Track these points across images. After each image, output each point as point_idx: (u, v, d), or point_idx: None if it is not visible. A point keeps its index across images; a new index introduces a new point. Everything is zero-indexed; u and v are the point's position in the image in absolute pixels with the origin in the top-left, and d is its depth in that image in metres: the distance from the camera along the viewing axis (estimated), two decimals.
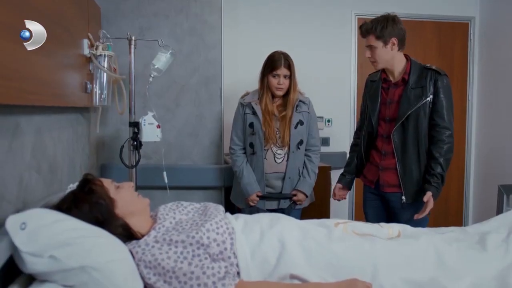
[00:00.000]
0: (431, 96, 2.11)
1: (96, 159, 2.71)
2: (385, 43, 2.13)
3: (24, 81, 1.31)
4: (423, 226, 1.84)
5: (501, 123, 3.58)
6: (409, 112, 2.13)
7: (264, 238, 1.39)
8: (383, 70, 2.28)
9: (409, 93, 2.15)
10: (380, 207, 2.33)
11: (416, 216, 2.07)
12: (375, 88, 2.31)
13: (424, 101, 2.11)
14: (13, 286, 1.08)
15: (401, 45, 2.17)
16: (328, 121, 3.81)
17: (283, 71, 2.36)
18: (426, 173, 2.14)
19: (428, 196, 2.06)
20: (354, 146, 2.49)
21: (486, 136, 3.80)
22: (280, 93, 2.40)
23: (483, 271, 1.43)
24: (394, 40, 2.13)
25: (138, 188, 2.41)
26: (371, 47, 2.16)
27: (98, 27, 2.44)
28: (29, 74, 1.35)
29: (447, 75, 2.16)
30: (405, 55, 2.23)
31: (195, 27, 2.85)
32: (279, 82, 2.36)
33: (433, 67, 2.16)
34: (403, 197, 2.15)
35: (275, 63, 2.36)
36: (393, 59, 2.18)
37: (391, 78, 2.24)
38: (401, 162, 2.17)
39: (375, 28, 2.12)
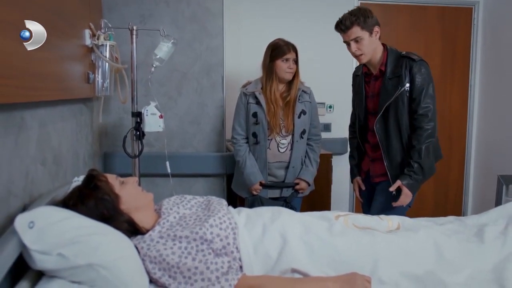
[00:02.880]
0: (407, 85, 2.08)
1: (99, 148, 2.73)
2: (371, 32, 2.11)
3: (27, 79, 1.32)
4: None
5: (504, 110, 3.57)
6: (387, 104, 2.12)
7: (266, 232, 1.42)
8: (364, 64, 2.26)
9: (386, 84, 2.14)
10: (370, 197, 2.35)
11: (393, 204, 2.10)
12: (358, 83, 2.33)
13: (401, 91, 2.09)
14: (23, 281, 1.12)
15: (380, 34, 2.17)
16: (330, 107, 3.80)
17: (292, 55, 2.40)
18: None
19: (395, 186, 2.09)
20: (351, 139, 2.50)
21: (488, 124, 3.79)
22: (290, 77, 2.43)
23: (481, 264, 1.46)
24: (377, 28, 2.13)
25: (141, 176, 2.44)
26: (356, 40, 2.12)
27: (100, 16, 2.43)
28: (32, 70, 1.35)
29: (424, 60, 2.11)
30: (383, 44, 2.22)
31: (196, 15, 2.83)
32: (289, 66, 2.40)
33: (409, 54, 2.13)
34: (391, 189, 2.13)
35: (283, 47, 2.40)
36: (376, 49, 2.16)
37: (372, 71, 2.24)
38: (386, 153, 2.18)
39: (359, 19, 2.09)
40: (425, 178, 2.13)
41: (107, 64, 2.23)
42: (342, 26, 2.13)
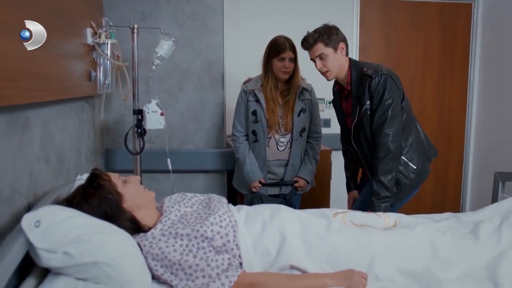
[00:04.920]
0: (367, 102, 2.06)
1: (101, 144, 2.76)
2: (335, 49, 2.11)
3: (29, 80, 1.33)
4: None
5: (503, 107, 3.59)
6: (354, 123, 2.13)
7: (266, 230, 1.46)
8: (336, 81, 2.25)
9: (353, 104, 2.14)
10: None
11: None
12: (335, 100, 2.34)
13: (363, 110, 2.08)
14: (30, 278, 1.15)
15: (347, 51, 2.16)
16: (330, 102, 3.82)
17: (288, 54, 2.36)
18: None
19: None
20: (344, 151, 2.48)
21: (487, 121, 3.80)
22: (286, 76, 2.41)
23: (475, 260, 1.49)
24: (342, 44, 2.12)
25: (142, 172, 2.47)
26: (321, 57, 2.11)
27: (100, 14, 2.44)
28: (34, 71, 1.37)
29: (381, 74, 2.04)
30: (350, 60, 2.19)
31: (196, 12, 2.84)
32: (285, 65, 2.37)
33: (367, 72, 2.07)
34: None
35: (280, 46, 2.37)
36: (343, 66, 2.15)
37: (345, 88, 2.22)
38: (367, 167, 2.19)
39: (322, 36, 2.09)
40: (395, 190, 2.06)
41: (108, 62, 2.26)
42: (306, 43, 2.14)
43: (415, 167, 2.12)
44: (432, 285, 1.34)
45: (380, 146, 2.02)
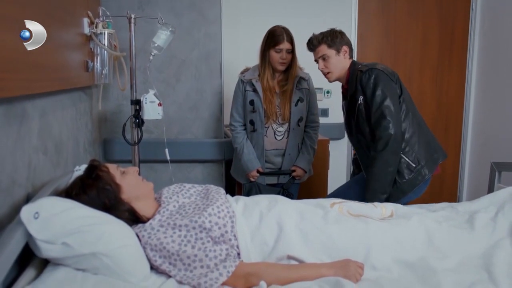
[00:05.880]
0: (361, 97, 2.06)
1: (99, 135, 2.76)
2: (338, 51, 2.14)
3: (26, 71, 1.33)
4: None
5: (500, 97, 3.59)
6: (351, 121, 2.15)
7: (263, 220, 1.47)
8: (342, 85, 2.26)
9: (349, 103, 2.16)
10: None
11: None
12: (343, 104, 2.30)
13: (357, 106, 2.07)
14: (29, 268, 1.17)
15: (351, 54, 2.19)
16: (327, 92, 3.82)
17: (285, 45, 2.36)
18: None
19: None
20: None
21: (485, 111, 3.80)
22: (283, 68, 2.41)
23: (471, 250, 1.51)
24: (345, 47, 2.15)
25: (140, 162, 2.48)
26: (323, 58, 2.15)
27: (97, 4, 2.42)
28: (31, 63, 1.37)
29: (373, 68, 2.04)
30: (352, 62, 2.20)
31: (194, 1, 2.82)
32: (282, 57, 2.36)
33: (360, 67, 2.08)
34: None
35: (278, 37, 2.36)
36: (345, 68, 2.17)
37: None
38: (364, 169, 2.19)
39: (326, 38, 2.13)
40: (387, 185, 2.01)
41: (105, 52, 2.25)
42: (311, 45, 2.19)
43: (414, 165, 2.06)
44: (428, 274, 1.36)
45: (378, 140, 2.00)
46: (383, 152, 1.97)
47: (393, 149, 1.98)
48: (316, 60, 2.21)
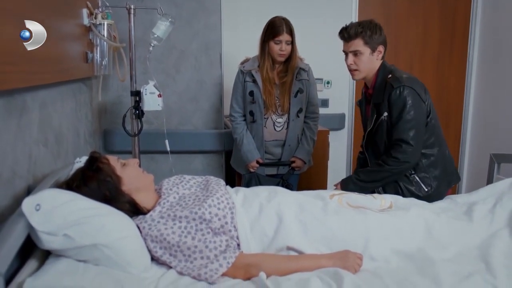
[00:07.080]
0: (385, 113, 1.93)
1: (99, 126, 2.77)
2: (373, 50, 1.96)
3: (26, 63, 1.33)
4: None
5: (501, 88, 3.57)
6: (369, 130, 2.03)
7: (263, 212, 1.48)
8: (365, 84, 2.11)
9: (371, 110, 2.02)
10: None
11: None
12: (361, 102, 2.21)
13: (380, 120, 1.96)
14: (31, 260, 1.18)
15: (384, 55, 2.01)
16: (328, 82, 3.81)
17: (285, 37, 2.34)
18: None
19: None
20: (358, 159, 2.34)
21: (485, 102, 3.79)
22: (282, 59, 2.40)
23: (468, 241, 1.52)
24: (381, 48, 1.97)
25: (141, 153, 2.48)
26: (355, 53, 1.96)
27: None
28: (31, 55, 1.36)
29: (404, 85, 1.88)
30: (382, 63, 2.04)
31: None
32: (281, 48, 2.35)
33: (391, 80, 1.92)
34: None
35: (277, 29, 2.34)
36: (374, 69, 2.00)
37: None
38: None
39: (365, 32, 1.92)
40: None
41: (105, 43, 2.24)
42: (346, 34, 1.97)
43: (426, 189, 1.97)
44: (426, 265, 1.37)
45: (392, 157, 1.90)
46: (391, 169, 1.92)
47: (399, 172, 1.94)
48: (345, 52, 2.01)
